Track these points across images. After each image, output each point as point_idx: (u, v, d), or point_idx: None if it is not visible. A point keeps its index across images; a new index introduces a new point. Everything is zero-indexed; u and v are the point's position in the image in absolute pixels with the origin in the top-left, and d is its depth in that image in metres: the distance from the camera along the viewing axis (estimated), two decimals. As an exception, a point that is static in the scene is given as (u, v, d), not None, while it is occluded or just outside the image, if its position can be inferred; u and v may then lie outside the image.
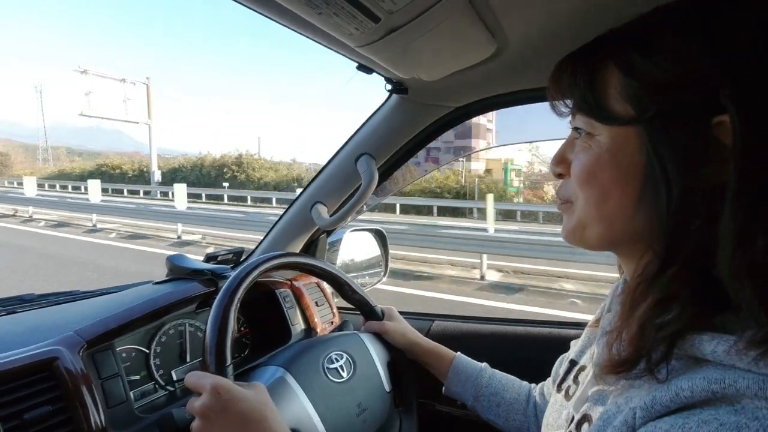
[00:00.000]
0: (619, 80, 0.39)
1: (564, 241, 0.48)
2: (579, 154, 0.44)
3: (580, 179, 0.43)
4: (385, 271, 1.34)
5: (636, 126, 0.38)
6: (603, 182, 0.41)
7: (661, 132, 0.37)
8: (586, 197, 0.43)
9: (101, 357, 0.68)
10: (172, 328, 0.85)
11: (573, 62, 0.45)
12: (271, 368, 0.71)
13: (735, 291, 0.33)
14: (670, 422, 0.32)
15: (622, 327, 0.38)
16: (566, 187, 0.47)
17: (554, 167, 0.48)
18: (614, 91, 0.40)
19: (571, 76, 0.44)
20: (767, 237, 0.32)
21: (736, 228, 0.33)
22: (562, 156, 0.47)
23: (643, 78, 0.38)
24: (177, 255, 0.95)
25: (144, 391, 0.78)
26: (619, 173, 0.40)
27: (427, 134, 0.94)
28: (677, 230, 0.36)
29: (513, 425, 0.76)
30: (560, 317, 4.49)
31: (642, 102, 0.38)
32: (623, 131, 0.39)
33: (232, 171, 30.77)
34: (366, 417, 0.74)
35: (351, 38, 0.58)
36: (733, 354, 0.31)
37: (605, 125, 0.41)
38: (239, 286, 0.67)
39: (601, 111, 0.41)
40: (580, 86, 0.43)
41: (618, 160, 0.40)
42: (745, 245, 0.32)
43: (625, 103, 0.39)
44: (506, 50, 0.68)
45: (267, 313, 1.03)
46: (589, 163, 0.42)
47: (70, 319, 0.73)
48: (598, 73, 0.41)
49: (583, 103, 0.42)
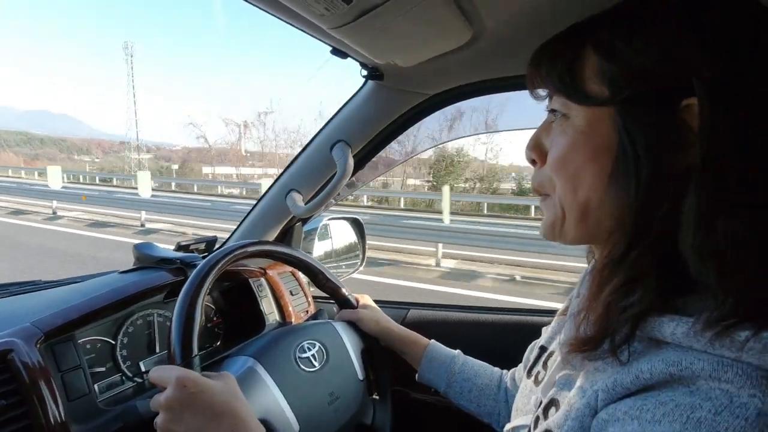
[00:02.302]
0: (596, 63, 0.40)
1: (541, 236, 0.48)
2: (555, 139, 0.44)
3: (555, 165, 0.43)
4: (362, 260, 1.33)
5: (610, 107, 0.39)
6: (577, 165, 0.41)
7: (633, 113, 0.38)
8: (562, 184, 0.43)
9: (61, 349, 0.66)
10: (139, 319, 0.83)
11: (553, 46, 0.45)
12: (242, 358, 0.70)
13: (697, 271, 0.34)
14: (629, 404, 0.33)
15: (589, 308, 0.39)
16: (540, 176, 0.47)
17: (529, 152, 0.48)
18: (591, 74, 0.40)
19: (550, 59, 0.45)
20: (727, 219, 0.33)
21: (698, 210, 0.33)
22: (537, 140, 0.47)
23: (620, 61, 0.38)
24: (145, 243, 0.92)
25: (110, 383, 0.76)
26: (592, 154, 0.41)
27: (403, 121, 0.93)
28: (645, 212, 0.36)
29: (484, 410, 0.78)
30: (528, 305, 4.66)
31: (617, 84, 0.38)
32: (598, 112, 0.40)
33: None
34: (338, 405, 0.74)
35: (323, 19, 0.56)
36: (691, 336, 0.32)
37: (580, 106, 0.41)
38: (207, 275, 0.65)
39: (577, 92, 0.41)
40: (558, 68, 0.43)
41: (591, 141, 0.40)
42: (707, 228, 0.33)
43: (601, 85, 0.40)
44: (483, 37, 0.67)
45: (241, 302, 1.02)
46: (565, 148, 0.42)
47: (28, 310, 0.70)
48: (577, 56, 0.42)
49: (560, 84, 0.43)
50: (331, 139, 0.94)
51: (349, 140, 0.92)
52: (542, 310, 1.11)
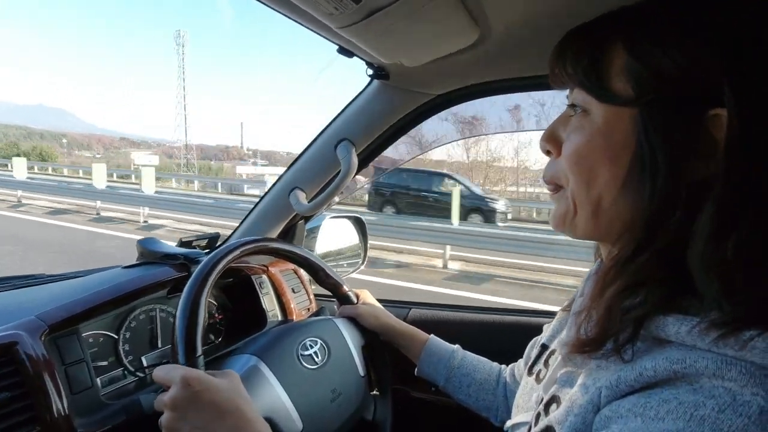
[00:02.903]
0: (624, 60, 0.39)
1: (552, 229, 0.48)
2: (572, 134, 0.43)
3: (570, 160, 0.43)
4: (364, 259, 1.33)
5: (632, 108, 0.38)
6: (592, 162, 0.41)
7: (655, 117, 0.37)
8: (576, 179, 0.42)
9: (65, 342, 0.66)
10: (142, 314, 0.83)
11: (579, 36, 0.44)
12: (244, 356, 0.70)
13: (703, 284, 0.34)
14: (633, 401, 0.33)
15: (590, 308, 0.39)
16: (553, 167, 0.46)
17: (544, 143, 0.47)
18: (617, 70, 0.39)
19: (575, 50, 0.43)
20: (740, 236, 0.33)
21: (713, 222, 0.33)
22: (553, 132, 0.47)
23: (650, 63, 0.37)
24: (148, 239, 0.92)
25: (112, 377, 0.76)
26: (609, 153, 0.40)
27: (407, 121, 0.93)
28: (657, 218, 0.36)
29: (482, 405, 0.78)
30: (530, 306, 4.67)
31: (643, 85, 0.38)
32: (619, 112, 0.39)
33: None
34: (341, 402, 0.74)
35: (331, 18, 0.56)
36: (695, 335, 0.32)
37: (602, 103, 0.40)
38: (211, 272, 0.65)
39: (601, 88, 0.40)
40: (584, 61, 0.42)
41: (609, 141, 0.40)
42: (719, 241, 0.33)
43: (626, 84, 0.39)
44: (489, 38, 0.67)
45: (242, 299, 1.02)
46: (582, 144, 0.42)
47: (32, 303, 0.70)
48: (605, 50, 0.40)
49: (585, 78, 0.42)
50: (336, 138, 0.94)
51: (354, 139, 0.93)
52: (543, 311, 1.12)
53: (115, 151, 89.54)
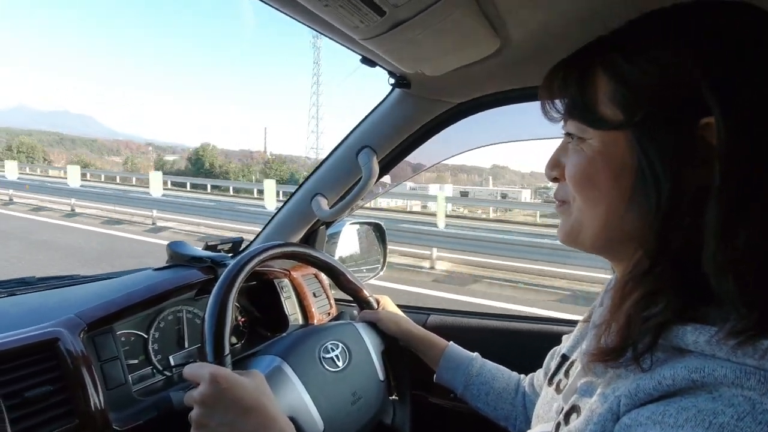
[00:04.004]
0: (607, 85, 0.41)
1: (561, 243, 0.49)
2: (572, 156, 0.45)
3: (574, 181, 0.44)
4: (383, 265, 1.34)
5: (625, 130, 0.40)
6: (597, 183, 0.42)
7: (649, 134, 0.38)
8: (582, 198, 0.44)
9: (101, 340, 0.69)
10: (170, 314, 0.86)
11: (564, 69, 0.46)
12: (268, 357, 0.72)
13: (718, 285, 0.34)
14: (652, 409, 0.33)
15: (611, 319, 0.39)
16: (562, 190, 0.48)
17: (549, 171, 0.49)
18: (603, 97, 0.41)
19: (562, 82, 0.45)
20: (748, 233, 0.33)
21: (719, 224, 0.34)
22: (556, 161, 0.49)
23: (630, 83, 0.39)
24: (177, 242, 0.96)
25: (142, 375, 0.79)
26: (611, 174, 0.41)
27: (428, 129, 0.95)
28: (666, 229, 0.37)
29: (501, 414, 0.78)
30: (547, 314, 4.62)
31: (630, 106, 0.39)
32: (613, 135, 0.41)
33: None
34: (361, 405, 0.75)
35: (356, 31, 0.59)
36: (714, 344, 0.32)
37: (596, 129, 0.42)
38: (238, 275, 0.67)
39: (591, 116, 0.42)
40: (571, 92, 0.44)
41: (609, 162, 0.41)
42: (728, 241, 0.34)
43: (614, 108, 0.40)
44: (509, 47, 0.68)
45: (265, 302, 1.04)
46: (582, 166, 0.43)
47: (70, 302, 0.74)
48: (588, 79, 0.42)
49: (574, 108, 0.44)
50: (357, 145, 0.96)
51: (375, 146, 0.94)
52: (562, 319, 1.11)
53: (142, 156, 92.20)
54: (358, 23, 0.55)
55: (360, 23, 0.55)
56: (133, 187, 19.61)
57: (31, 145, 52.49)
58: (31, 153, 50.21)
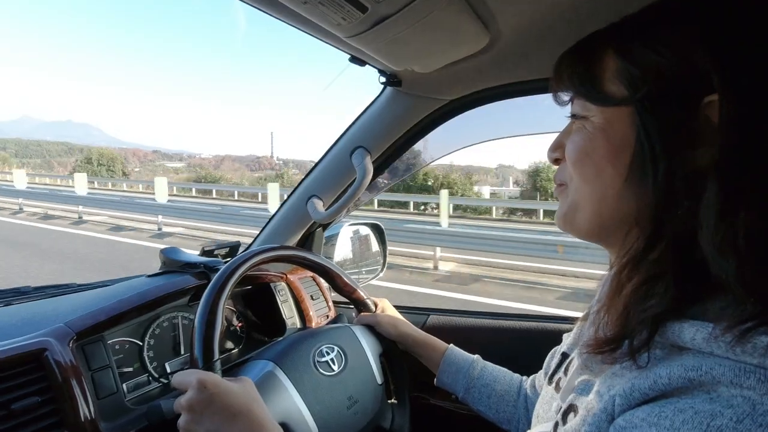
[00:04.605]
0: (616, 65, 0.41)
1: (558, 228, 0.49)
2: (573, 135, 0.45)
3: (573, 158, 0.44)
4: (383, 265, 1.33)
5: (628, 105, 0.40)
6: (595, 160, 0.42)
7: (651, 110, 0.38)
8: (579, 175, 0.44)
9: (91, 349, 0.68)
10: (166, 321, 0.85)
11: (573, 52, 0.47)
12: (261, 362, 0.71)
13: (718, 266, 0.33)
14: (647, 411, 0.32)
15: (608, 307, 0.39)
16: (562, 171, 0.48)
17: (551, 153, 0.50)
18: (611, 75, 0.41)
19: (570, 64, 0.46)
20: (748, 213, 0.32)
21: (718, 202, 0.33)
22: (559, 142, 0.49)
23: (641, 63, 0.39)
24: (170, 248, 0.95)
25: (137, 383, 0.78)
26: (610, 151, 0.41)
27: (421, 127, 0.94)
28: (663, 209, 0.37)
29: (503, 417, 0.77)
30: (548, 312, 4.60)
31: (636, 83, 0.39)
32: (616, 111, 0.41)
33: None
34: (357, 410, 0.74)
35: (339, 29, 0.58)
36: (712, 341, 0.31)
37: (599, 107, 0.42)
38: (228, 279, 0.67)
39: (596, 93, 0.42)
40: (579, 73, 0.44)
41: (610, 139, 0.41)
42: (727, 220, 0.33)
43: (619, 84, 0.40)
44: (499, 42, 0.67)
45: (262, 306, 1.03)
46: (582, 142, 0.43)
47: (62, 311, 0.73)
48: (597, 60, 0.43)
49: (581, 87, 0.44)
50: (351, 146, 0.95)
51: (369, 146, 0.93)
52: (563, 317, 1.09)
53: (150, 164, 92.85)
54: (340, 20, 0.54)
55: (342, 20, 0.54)
56: (139, 194, 19.78)
57: (111, 157, 48.73)
58: (111, 165, 47.13)
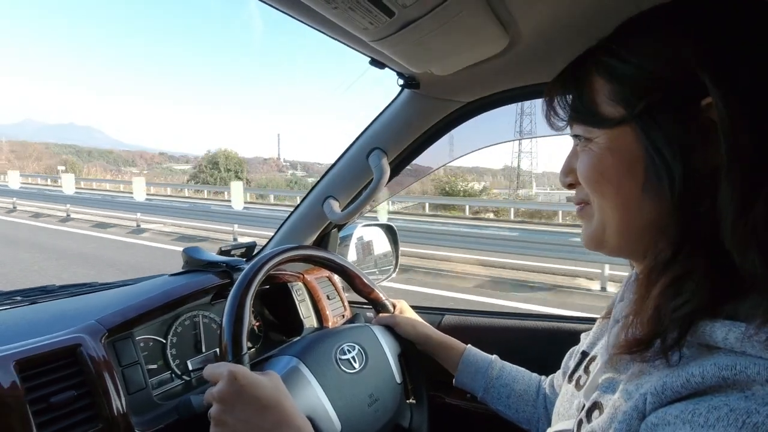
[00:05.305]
0: (604, 86, 0.42)
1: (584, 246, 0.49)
2: (582, 158, 0.46)
3: (587, 179, 0.45)
4: (395, 267, 1.34)
5: (629, 123, 0.40)
6: (609, 177, 0.43)
7: (652, 123, 0.39)
8: (599, 195, 0.44)
9: (121, 345, 0.70)
10: (187, 319, 0.87)
11: (562, 79, 0.48)
12: (285, 358, 0.72)
13: (742, 261, 0.33)
14: (681, 408, 0.32)
15: (638, 310, 0.39)
16: (580, 192, 0.49)
17: (564, 178, 0.50)
18: (603, 97, 0.42)
19: (561, 91, 0.47)
20: (764, 204, 0.33)
21: (734, 199, 0.34)
22: (569, 167, 0.49)
23: (625, 80, 0.40)
24: (193, 248, 0.97)
25: (161, 379, 0.80)
26: (622, 166, 0.42)
27: (437, 129, 0.95)
28: (685, 214, 0.37)
29: (523, 416, 0.77)
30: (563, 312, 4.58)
31: (629, 101, 0.40)
32: (619, 130, 0.41)
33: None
34: (378, 407, 0.75)
35: (365, 33, 0.59)
36: (745, 341, 0.32)
37: (601, 129, 0.43)
38: (255, 276, 0.68)
39: (594, 117, 0.43)
40: (571, 98, 0.46)
41: (619, 156, 0.42)
42: (745, 215, 0.33)
43: (615, 105, 0.41)
44: (518, 44, 0.68)
45: (279, 305, 1.05)
46: (593, 163, 0.44)
47: (90, 309, 0.75)
48: (585, 83, 0.44)
49: (576, 113, 0.45)
50: (368, 147, 0.96)
51: (385, 148, 0.95)
52: (578, 317, 1.09)
53: (157, 167, 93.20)
54: (367, 25, 0.55)
55: (369, 25, 0.55)
56: (120, 193, 20.34)
57: (237, 161, 41.03)
58: (239, 171, 40.30)
